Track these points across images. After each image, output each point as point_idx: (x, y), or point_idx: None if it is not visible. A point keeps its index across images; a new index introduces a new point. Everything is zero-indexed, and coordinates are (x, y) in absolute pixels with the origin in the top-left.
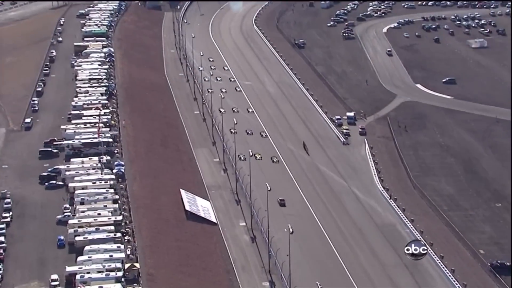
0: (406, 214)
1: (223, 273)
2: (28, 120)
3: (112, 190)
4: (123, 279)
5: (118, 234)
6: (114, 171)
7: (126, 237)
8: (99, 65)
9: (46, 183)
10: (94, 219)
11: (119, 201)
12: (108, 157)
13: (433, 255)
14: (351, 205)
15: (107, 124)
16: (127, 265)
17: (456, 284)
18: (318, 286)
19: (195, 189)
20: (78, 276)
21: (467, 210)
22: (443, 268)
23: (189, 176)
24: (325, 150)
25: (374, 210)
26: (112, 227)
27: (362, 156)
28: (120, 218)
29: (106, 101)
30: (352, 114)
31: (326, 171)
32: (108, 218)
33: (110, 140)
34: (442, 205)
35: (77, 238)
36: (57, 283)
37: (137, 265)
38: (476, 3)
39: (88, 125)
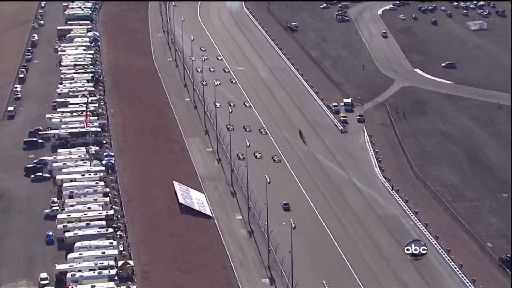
0: (409, 206)
1: (220, 270)
2: (10, 108)
3: (102, 183)
4: (116, 277)
5: (110, 230)
6: (104, 162)
7: (118, 233)
8: (84, 50)
9: (32, 175)
10: (84, 214)
11: (109, 194)
12: (97, 148)
13: (439, 249)
14: (352, 197)
15: (95, 113)
16: (120, 263)
17: (465, 279)
18: (324, 285)
19: (188, 181)
20: (69, 275)
21: (472, 201)
22: (450, 262)
23: (181, 167)
24: (322, 138)
25: (375, 201)
26: (104, 222)
27: (361, 145)
28: (111, 212)
29: (92, 88)
30: (349, 100)
31: (324, 160)
32: (99, 213)
33: (98, 129)
34: (446, 196)
35: (67, 234)
36: (46, 282)
37: (131, 262)
38: None
39: (74, 114)
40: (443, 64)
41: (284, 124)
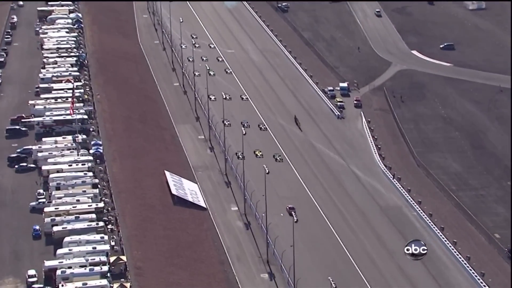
0: (412, 195)
1: (217, 264)
2: None
3: (90, 173)
4: (108, 274)
5: (101, 223)
6: (91, 151)
7: (109, 226)
8: (67, 32)
9: (16, 166)
10: (73, 207)
11: (99, 186)
12: (84, 136)
13: (445, 241)
14: (352, 186)
15: (80, 99)
16: (112, 258)
17: (473, 273)
18: (331, 282)
19: (180, 170)
20: (58, 272)
21: (477, 190)
22: (457, 255)
23: (173, 155)
24: (318, 124)
25: (377, 191)
26: (94, 215)
27: (359, 131)
28: (101, 204)
29: (77, 73)
30: (345, 84)
31: (322, 148)
32: (89, 205)
33: (85, 116)
34: (450, 184)
35: (55, 228)
36: (35, 279)
37: (124, 258)
38: None
39: (59, 100)
40: (441, 46)
41: (278, 110)
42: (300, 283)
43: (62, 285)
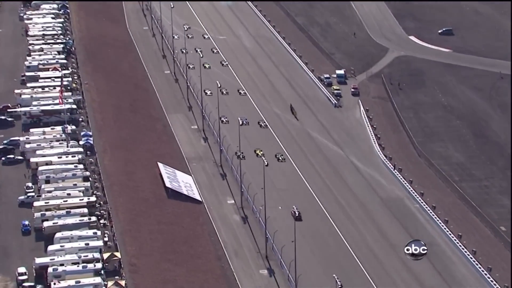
0: (414, 187)
1: (214, 260)
2: None
3: (81, 166)
4: (102, 272)
5: (93, 218)
6: (81, 142)
7: (101, 221)
8: (53, 18)
9: (3, 158)
10: (64, 201)
11: (90, 179)
12: (73, 126)
13: (450, 234)
14: (351, 177)
15: (68, 88)
16: (106, 255)
17: (479, 267)
18: (336, 280)
19: (173, 162)
20: (50, 269)
21: (481, 181)
22: (463, 249)
23: (165, 146)
24: (315, 113)
25: (377, 182)
26: (86, 210)
27: (357, 120)
28: (93, 198)
29: (64, 61)
30: (342, 72)
31: (319, 137)
32: (80, 199)
33: (74, 106)
34: (452, 175)
35: (46, 224)
36: (25, 277)
37: (118, 254)
38: None
39: (46, 89)
40: (439, 31)
41: (273, 98)
42: (301, 279)
43: (54, 283)
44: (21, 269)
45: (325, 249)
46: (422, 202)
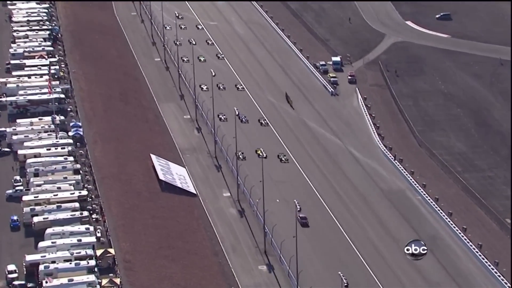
0: (415, 178)
1: (211, 256)
2: None
3: (71, 158)
4: (96, 269)
5: (85, 213)
6: (71, 133)
7: (93, 216)
8: (37, 3)
9: None
10: (54, 195)
11: (81, 171)
12: (62, 117)
13: (454, 227)
14: (351, 169)
15: (56, 76)
16: (99, 251)
17: (486, 262)
18: (341, 278)
19: (166, 153)
20: (41, 267)
21: (484, 171)
22: (468, 243)
23: (157, 137)
24: (311, 102)
25: (377, 173)
26: (77, 204)
27: (355, 109)
28: (85, 192)
29: (51, 48)
30: (338, 58)
31: (316, 127)
32: (71, 193)
33: (62, 95)
34: (455, 165)
35: (35, 219)
36: (15, 275)
37: (112, 250)
38: None
39: (33, 78)
40: (437, 16)
41: (268, 86)
42: (302, 275)
43: (46, 282)
44: (11, 267)
45: (325, 243)
46: (424, 194)
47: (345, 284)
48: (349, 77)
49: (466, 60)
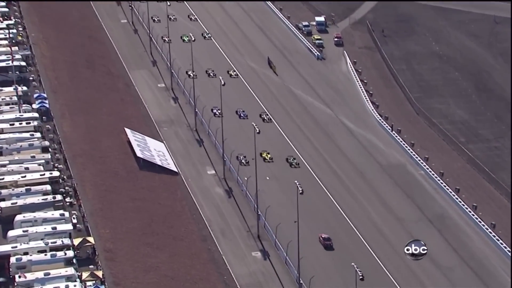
0: (416, 151)
1: (199, 242)
2: None
3: (38, 134)
4: (74, 260)
5: (58, 196)
6: (35, 106)
7: (67, 200)
8: None
9: None
10: (22, 176)
11: (50, 149)
12: (24, 87)
13: (463, 205)
14: (344, 141)
15: (14, 41)
16: (77, 240)
17: (501, 243)
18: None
19: (141, 127)
20: (13, 259)
21: (490, 141)
22: (480, 222)
23: (130, 108)
24: (295, 67)
25: (374, 146)
26: (48, 187)
27: (344, 74)
28: (56, 173)
29: (5, 9)
30: (322, 18)
31: (303, 95)
32: (41, 174)
33: (23, 63)
34: (457, 135)
35: (2, 204)
36: None
37: (91, 239)
38: None
39: None
40: None
41: (247, 50)
42: (302, 262)
43: (20, 276)
44: None
45: (322, 224)
46: (427, 168)
47: (361, 277)
48: (335, 39)
49: (461, 18)
